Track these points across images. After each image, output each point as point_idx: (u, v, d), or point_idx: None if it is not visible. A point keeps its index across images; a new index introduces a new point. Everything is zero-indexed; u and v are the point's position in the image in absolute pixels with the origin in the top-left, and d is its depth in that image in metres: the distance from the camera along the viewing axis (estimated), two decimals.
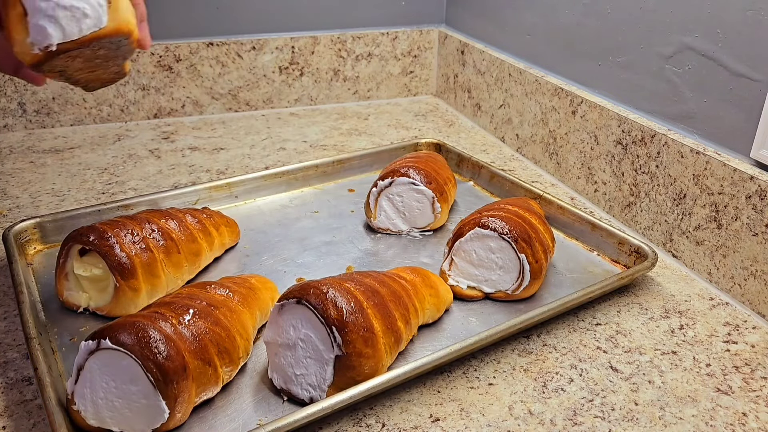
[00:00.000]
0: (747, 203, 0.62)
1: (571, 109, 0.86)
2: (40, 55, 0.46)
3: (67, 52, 0.46)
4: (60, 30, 0.45)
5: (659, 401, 0.52)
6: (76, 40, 0.46)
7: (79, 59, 0.49)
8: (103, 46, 0.48)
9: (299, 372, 0.49)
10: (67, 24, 0.45)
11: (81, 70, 0.51)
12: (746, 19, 0.63)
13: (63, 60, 0.47)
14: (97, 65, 0.52)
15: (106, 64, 0.52)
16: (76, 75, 0.52)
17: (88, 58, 0.49)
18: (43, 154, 0.94)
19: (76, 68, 0.51)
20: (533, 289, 0.62)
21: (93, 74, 0.54)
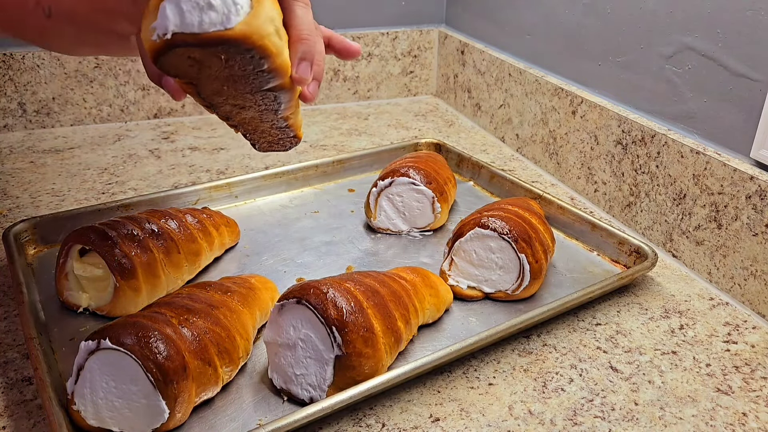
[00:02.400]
0: (747, 203, 0.62)
1: (571, 109, 0.86)
2: (157, 43, 0.40)
3: (186, 47, 0.40)
4: (179, 17, 0.40)
5: (659, 401, 0.52)
6: (194, 34, 0.40)
7: (209, 70, 0.43)
8: (234, 60, 0.42)
9: (299, 372, 0.49)
10: (189, 12, 0.40)
11: (219, 94, 0.46)
12: (746, 19, 0.63)
13: (188, 63, 0.42)
14: (240, 96, 0.46)
15: (252, 100, 0.47)
16: (215, 99, 0.47)
17: (220, 73, 0.43)
18: (43, 154, 0.94)
19: (212, 88, 0.45)
20: (533, 289, 0.62)
21: (244, 113, 0.49)
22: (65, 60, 1.00)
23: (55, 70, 1.00)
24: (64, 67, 1.00)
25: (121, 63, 1.03)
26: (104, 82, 1.03)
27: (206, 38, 0.40)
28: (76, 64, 1.00)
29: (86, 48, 0.62)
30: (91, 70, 1.02)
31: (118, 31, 0.55)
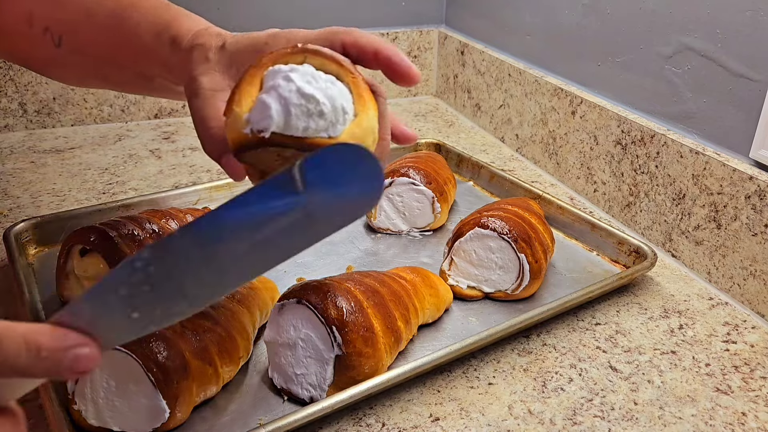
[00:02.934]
0: (746, 203, 0.62)
1: (571, 110, 0.86)
2: (248, 137, 0.38)
3: (282, 147, 0.38)
4: (284, 118, 0.37)
5: (659, 401, 0.52)
6: (296, 138, 0.37)
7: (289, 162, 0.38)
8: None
9: (299, 371, 0.49)
10: (296, 116, 0.37)
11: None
12: (746, 19, 0.63)
13: (273, 158, 0.40)
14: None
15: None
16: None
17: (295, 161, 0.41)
18: (44, 154, 0.94)
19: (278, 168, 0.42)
20: (533, 288, 0.63)
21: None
22: None
23: None
24: None
25: None
26: None
27: (308, 143, 0.38)
28: None
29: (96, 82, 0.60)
30: None
31: (144, 72, 0.53)
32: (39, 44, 0.55)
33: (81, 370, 0.29)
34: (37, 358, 0.28)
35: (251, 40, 0.45)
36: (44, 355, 0.28)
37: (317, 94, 0.38)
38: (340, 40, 0.43)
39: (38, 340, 0.28)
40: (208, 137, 0.44)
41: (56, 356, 0.29)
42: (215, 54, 0.46)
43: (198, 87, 0.45)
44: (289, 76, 0.38)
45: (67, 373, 0.29)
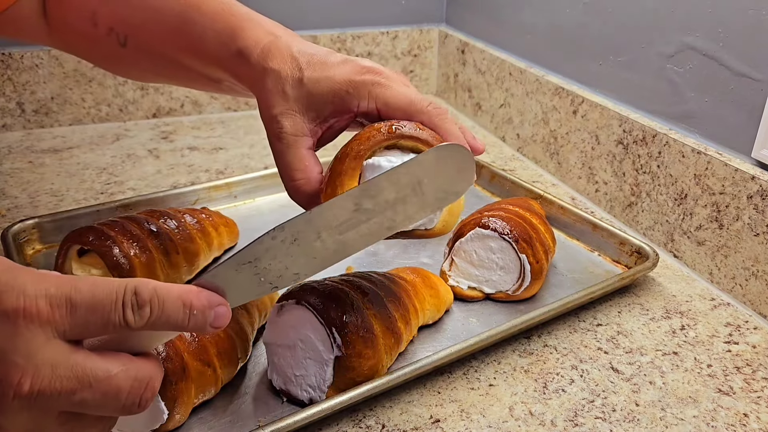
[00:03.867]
0: (748, 203, 0.62)
1: (572, 109, 0.86)
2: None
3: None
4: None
5: (660, 402, 0.52)
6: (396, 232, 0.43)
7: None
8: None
9: (299, 373, 0.49)
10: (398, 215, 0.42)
11: None
12: (748, 18, 0.63)
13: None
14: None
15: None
16: None
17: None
18: (42, 154, 0.93)
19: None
20: (534, 289, 0.62)
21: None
22: (64, 59, 0.99)
23: (54, 69, 0.99)
24: (63, 67, 1.00)
25: None
26: (103, 82, 1.03)
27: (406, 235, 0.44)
28: (75, 63, 1.00)
29: (161, 79, 0.61)
30: (89, 70, 1.01)
31: (211, 76, 0.54)
32: (104, 43, 0.55)
33: (219, 326, 0.36)
34: (190, 315, 0.34)
35: (331, 87, 0.46)
36: (195, 313, 0.34)
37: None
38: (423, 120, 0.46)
39: (191, 300, 0.34)
40: (293, 189, 0.48)
41: (204, 314, 0.34)
42: (293, 89, 0.47)
43: (281, 131, 0.46)
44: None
45: (208, 329, 0.35)
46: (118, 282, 0.32)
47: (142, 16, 0.53)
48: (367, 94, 0.46)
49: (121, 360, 0.33)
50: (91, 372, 0.31)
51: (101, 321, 0.32)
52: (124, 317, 0.32)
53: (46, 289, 0.31)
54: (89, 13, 0.55)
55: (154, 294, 0.33)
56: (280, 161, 0.47)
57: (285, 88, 0.46)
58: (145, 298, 0.32)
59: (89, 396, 0.31)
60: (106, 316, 0.32)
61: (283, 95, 0.46)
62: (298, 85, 0.46)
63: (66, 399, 0.31)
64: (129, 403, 0.33)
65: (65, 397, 0.31)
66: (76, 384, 0.31)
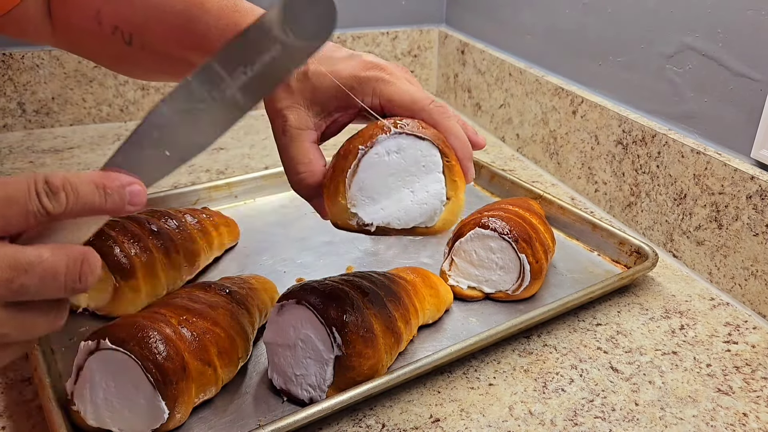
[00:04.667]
0: (747, 203, 0.62)
1: (572, 109, 0.86)
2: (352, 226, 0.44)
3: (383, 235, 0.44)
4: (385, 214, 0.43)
5: (660, 401, 0.52)
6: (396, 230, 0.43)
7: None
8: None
9: (299, 372, 0.49)
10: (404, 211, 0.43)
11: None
12: (747, 18, 0.63)
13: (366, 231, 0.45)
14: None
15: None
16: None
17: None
18: (43, 154, 0.93)
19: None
20: (534, 289, 0.62)
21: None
22: (65, 60, 1.00)
23: (55, 69, 1.00)
24: (64, 67, 1.00)
25: None
26: (104, 82, 1.03)
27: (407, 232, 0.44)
28: (76, 63, 1.00)
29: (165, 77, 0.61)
30: (90, 70, 1.02)
31: None
32: (108, 42, 0.56)
33: (137, 203, 0.36)
34: (105, 195, 0.35)
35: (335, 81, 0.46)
36: (110, 193, 0.35)
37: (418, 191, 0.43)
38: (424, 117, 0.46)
39: (103, 182, 0.35)
40: (297, 182, 0.47)
41: (119, 193, 0.35)
42: (297, 83, 0.47)
43: (285, 125, 0.47)
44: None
45: (128, 207, 0.36)
46: (26, 175, 0.33)
47: (146, 14, 0.54)
48: (372, 91, 0.46)
49: (50, 246, 0.34)
50: (23, 258, 0.32)
51: (19, 212, 0.33)
52: (42, 204, 0.33)
53: None
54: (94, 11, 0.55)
55: (65, 180, 0.34)
56: (285, 154, 0.47)
57: (290, 82, 0.47)
58: (57, 184, 0.33)
59: (27, 281, 0.32)
60: (23, 207, 0.33)
61: (288, 89, 0.47)
62: (303, 79, 0.47)
63: (5, 288, 0.32)
64: (70, 281, 0.34)
65: (3, 285, 0.32)
66: (11, 272, 0.32)
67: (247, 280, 0.58)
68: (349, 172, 0.43)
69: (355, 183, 0.43)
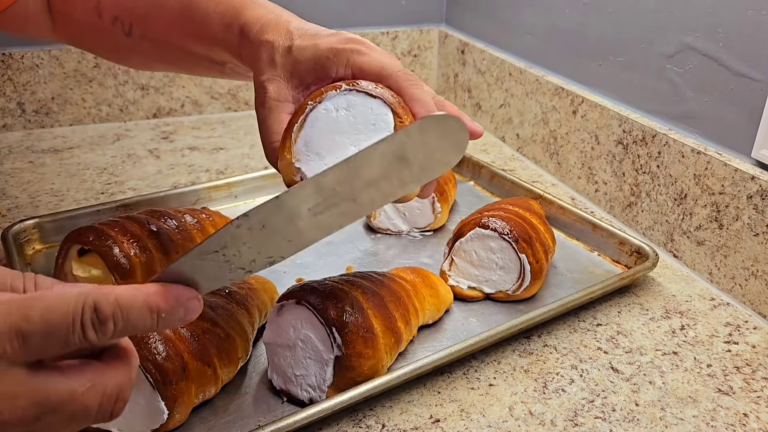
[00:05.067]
0: (748, 203, 0.62)
1: (572, 109, 0.86)
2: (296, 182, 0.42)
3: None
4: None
5: (660, 402, 0.52)
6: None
7: None
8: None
9: (299, 372, 0.49)
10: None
11: None
12: (747, 18, 0.63)
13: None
14: None
15: None
16: None
17: None
18: (42, 154, 0.93)
19: None
20: (534, 289, 0.62)
21: None
22: (64, 60, 0.99)
23: (54, 69, 1.00)
24: (63, 67, 1.00)
25: None
26: (103, 82, 1.03)
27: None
28: (75, 63, 1.00)
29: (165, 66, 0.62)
30: (90, 70, 1.02)
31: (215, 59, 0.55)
32: (109, 33, 0.56)
33: (191, 319, 0.34)
34: (158, 319, 0.32)
35: (314, 53, 0.47)
36: (164, 316, 0.32)
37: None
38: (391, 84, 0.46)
39: (158, 304, 0.32)
40: (270, 151, 0.47)
41: (173, 314, 0.33)
42: (282, 57, 0.47)
43: (265, 96, 0.47)
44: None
45: (179, 324, 0.34)
46: (74, 300, 0.30)
47: (146, 4, 0.54)
48: (346, 61, 0.46)
49: (86, 375, 0.30)
50: (54, 395, 0.29)
51: (59, 344, 0.29)
52: (85, 337, 0.30)
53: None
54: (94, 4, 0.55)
55: (116, 307, 0.30)
56: (262, 125, 0.47)
57: (275, 57, 0.47)
58: (106, 314, 0.30)
59: (55, 419, 0.30)
60: (64, 339, 0.29)
61: (272, 63, 0.47)
62: (286, 54, 0.47)
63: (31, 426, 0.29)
64: (99, 418, 0.31)
65: (30, 424, 0.29)
66: (39, 410, 0.29)
67: (247, 280, 0.58)
68: (296, 126, 0.42)
69: (301, 138, 0.42)
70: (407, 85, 0.46)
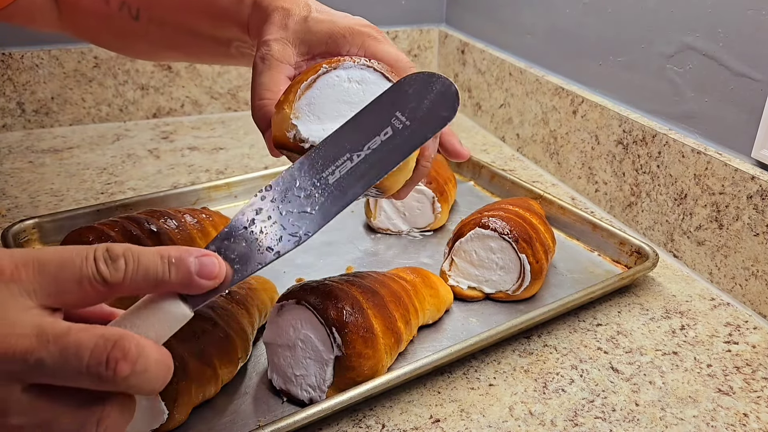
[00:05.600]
0: (748, 203, 0.62)
1: (572, 109, 0.86)
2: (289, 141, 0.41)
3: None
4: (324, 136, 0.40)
5: (660, 402, 0.52)
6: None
7: None
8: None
9: (299, 373, 0.49)
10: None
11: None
12: (747, 18, 0.63)
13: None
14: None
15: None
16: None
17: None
18: (42, 154, 0.93)
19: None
20: (534, 289, 0.62)
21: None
22: (64, 60, 0.99)
23: (54, 69, 0.99)
24: (63, 67, 1.00)
25: (120, 63, 1.03)
26: (103, 82, 1.03)
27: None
28: (75, 63, 1.00)
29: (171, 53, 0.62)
30: (90, 70, 1.01)
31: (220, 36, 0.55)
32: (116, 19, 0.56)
33: (209, 276, 0.32)
34: (169, 265, 0.31)
35: (331, 28, 0.47)
36: (174, 263, 0.32)
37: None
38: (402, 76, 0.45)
39: (168, 251, 0.32)
40: (258, 107, 0.46)
41: (185, 262, 0.32)
42: (296, 23, 0.47)
43: (268, 51, 0.46)
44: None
45: (197, 280, 0.32)
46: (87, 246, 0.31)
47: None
48: (361, 44, 0.47)
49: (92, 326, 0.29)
50: (51, 328, 0.28)
51: (73, 277, 0.30)
52: (98, 270, 0.30)
53: (11, 252, 0.30)
54: None
55: (127, 248, 0.31)
56: (256, 79, 0.47)
57: (288, 22, 0.47)
58: (117, 252, 0.31)
59: (45, 354, 0.28)
60: (78, 271, 0.30)
61: (284, 27, 0.47)
62: (301, 21, 0.47)
63: (22, 361, 0.28)
64: (94, 362, 0.28)
65: (20, 357, 0.27)
66: (34, 342, 0.28)
67: (247, 280, 0.58)
68: (304, 84, 0.42)
69: (306, 97, 0.42)
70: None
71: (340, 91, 0.42)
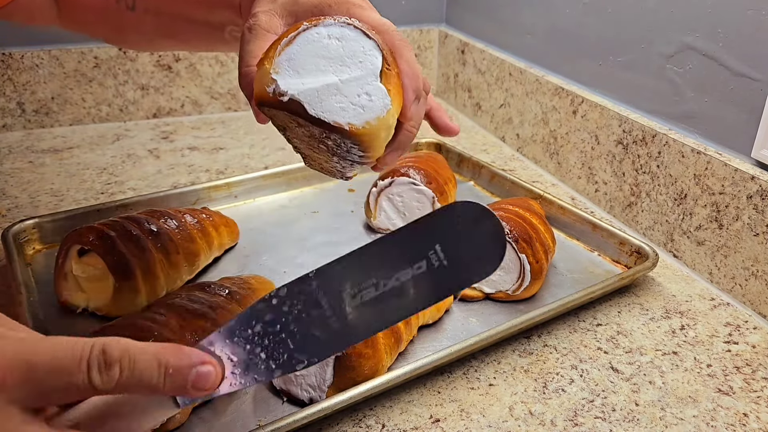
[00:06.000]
0: (748, 203, 0.62)
1: (572, 109, 0.86)
2: (269, 97, 0.40)
3: (294, 114, 0.40)
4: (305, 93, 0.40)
5: (660, 402, 0.52)
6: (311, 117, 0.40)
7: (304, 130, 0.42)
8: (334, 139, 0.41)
9: (299, 372, 0.49)
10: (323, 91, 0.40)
11: (302, 141, 0.46)
12: (747, 18, 0.63)
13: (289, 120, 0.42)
14: (320, 149, 0.45)
15: (328, 156, 0.46)
16: (295, 141, 0.47)
17: (314, 136, 0.43)
18: (42, 154, 0.93)
19: (298, 136, 0.45)
20: (534, 289, 0.62)
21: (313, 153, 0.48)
22: (64, 59, 0.99)
23: (54, 69, 1.00)
24: (63, 67, 1.00)
25: (120, 62, 1.03)
26: (103, 82, 1.03)
27: (319, 120, 0.40)
28: (75, 63, 1.00)
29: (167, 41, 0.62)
30: (90, 70, 1.02)
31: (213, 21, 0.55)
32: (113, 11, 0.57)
33: (205, 387, 0.31)
34: (166, 375, 0.30)
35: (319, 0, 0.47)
36: (171, 372, 0.30)
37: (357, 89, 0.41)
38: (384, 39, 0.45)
39: (168, 359, 0.30)
40: (244, 74, 0.45)
41: (182, 373, 0.30)
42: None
43: (255, 22, 0.46)
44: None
45: (192, 391, 0.31)
46: (84, 341, 0.29)
47: None
48: (346, 11, 0.47)
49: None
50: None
51: (63, 384, 0.28)
52: (89, 378, 0.28)
53: (3, 352, 0.28)
54: None
55: (124, 352, 0.29)
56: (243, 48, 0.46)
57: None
58: (114, 357, 0.29)
59: None
60: (68, 378, 0.28)
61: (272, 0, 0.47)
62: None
63: None
64: None
65: None
66: None
67: (247, 281, 0.58)
68: (285, 41, 0.42)
69: (286, 53, 0.42)
70: (400, 44, 0.46)
71: (319, 47, 0.42)
